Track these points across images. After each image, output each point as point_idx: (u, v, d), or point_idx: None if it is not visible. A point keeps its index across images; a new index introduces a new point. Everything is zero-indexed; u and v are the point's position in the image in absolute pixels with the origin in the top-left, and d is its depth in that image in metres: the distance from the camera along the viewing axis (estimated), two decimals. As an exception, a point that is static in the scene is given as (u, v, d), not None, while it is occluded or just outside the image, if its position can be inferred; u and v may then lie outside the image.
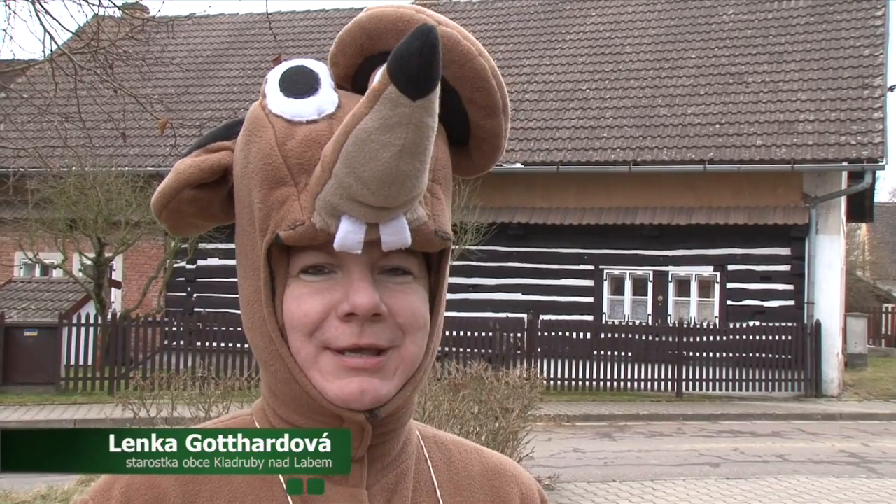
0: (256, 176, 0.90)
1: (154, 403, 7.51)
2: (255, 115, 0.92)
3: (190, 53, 24.24)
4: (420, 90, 0.80)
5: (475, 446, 1.12)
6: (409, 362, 0.93)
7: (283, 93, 0.91)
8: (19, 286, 19.62)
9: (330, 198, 0.85)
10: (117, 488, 0.93)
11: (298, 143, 0.89)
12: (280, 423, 0.96)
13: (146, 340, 16.65)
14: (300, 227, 0.87)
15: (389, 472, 0.99)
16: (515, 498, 1.07)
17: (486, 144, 0.97)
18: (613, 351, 17.26)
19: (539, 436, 11.45)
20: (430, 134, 0.83)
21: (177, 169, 0.95)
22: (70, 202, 16.40)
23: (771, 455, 11.46)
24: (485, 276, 18.78)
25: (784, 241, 17.56)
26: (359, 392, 0.90)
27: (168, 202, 0.95)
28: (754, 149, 17.64)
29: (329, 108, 0.91)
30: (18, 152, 6.45)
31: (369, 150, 0.82)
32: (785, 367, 17.07)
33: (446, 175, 0.95)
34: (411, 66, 0.80)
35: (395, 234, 0.88)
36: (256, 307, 0.93)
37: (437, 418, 6.07)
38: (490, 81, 0.92)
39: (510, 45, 22.01)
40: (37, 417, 13.26)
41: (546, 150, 18.71)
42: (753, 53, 20.07)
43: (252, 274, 0.93)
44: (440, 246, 0.94)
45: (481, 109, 0.93)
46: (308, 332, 0.90)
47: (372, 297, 0.89)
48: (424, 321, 0.94)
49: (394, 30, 0.90)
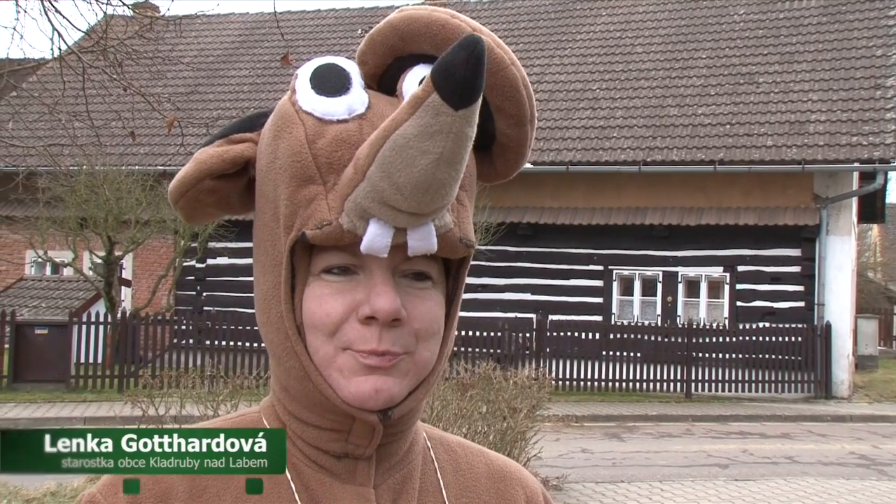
0: (284, 172, 0.89)
1: (163, 402, 7.53)
2: (285, 110, 0.92)
3: (200, 52, 24.30)
4: (463, 101, 0.80)
5: (480, 448, 1.12)
6: (421, 367, 0.93)
7: (315, 90, 0.90)
8: (30, 284, 19.71)
9: (361, 200, 0.85)
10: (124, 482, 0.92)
11: (329, 142, 0.88)
12: (290, 420, 0.96)
13: (156, 339, 16.70)
14: (327, 228, 0.87)
15: (396, 471, 0.99)
16: (521, 500, 1.07)
17: (510, 153, 0.96)
18: (622, 351, 17.23)
19: (547, 436, 11.44)
20: (468, 144, 0.83)
21: (197, 158, 0.95)
22: (80, 201, 16.47)
23: (780, 456, 11.42)
24: (494, 276, 18.76)
25: (794, 242, 17.49)
26: (373, 391, 0.90)
27: (186, 191, 0.94)
28: (765, 149, 17.59)
29: (359, 109, 0.90)
30: (28, 151, 6.47)
31: (407, 156, 0.82)
32: (795, 369, 17.01)
33: (471, 182, 0.95)
34: (457, 76, 0.79)
35: (422, 240, 0.88)
36: (274, 303, 0.92)
37: (446, 418, 6.07)
38: (521, 91, 0.92)
39: (520, 45, 21.98)
40: (47, 415, 13.31)
41: (556, 150, 18.69)
42: (764, 53, 20.01)
43: (272, 269, 0.93)
44: (463, 253, 0.94)
45: (509, 118, 0.93)
46: (329, 332, 0.90)
47: (394, 302, 0.89)
48: (439, 328, 0.94)
49: (427, 33, 0.90)
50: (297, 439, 0.96)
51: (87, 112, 4.87)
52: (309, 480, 0.95)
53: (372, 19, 22.84)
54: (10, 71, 5.67)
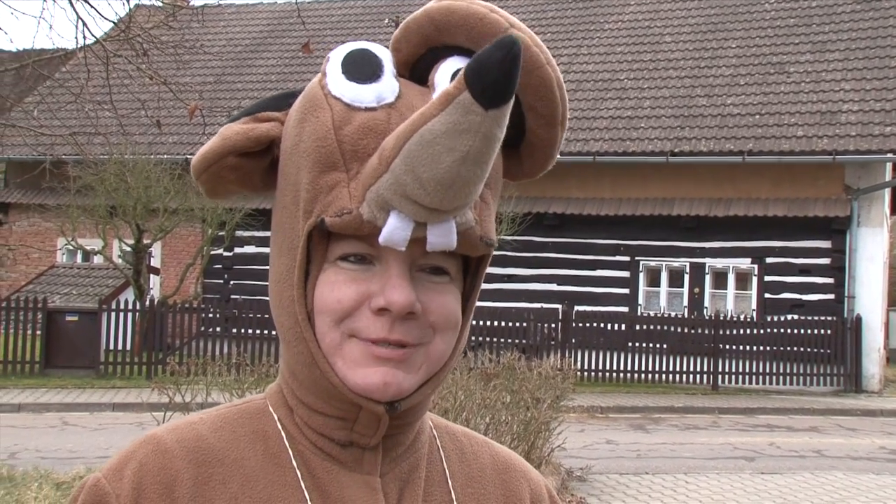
0: (308, 156, 0.89)
1: (189, 389, 7.58)
2: (314, 93, 0.91)
3: (229, 42, 24.41)
4: (494, 101, 0.79)
5: (485, 439, 1.11)
6: (434, 359, 0.92)
7: (345, 75, 0.89)
8: (61, 271, 19.98)
9: (383, 192, 0.84)
10: (130, 468, 0.92)
11: (355, 129, 0.87)
12: (297, 405, 0.96)
13: (183, 326, 16.85)
14: (347, 216, 0.86)
15: (403, 461, 0.98)
16: (525, 493, 1.06)
17: (539, 153, 0.95)
18: (648, 343, 17.15)
19: (572, 427, 11.42)
20: (496, 145, 0.82)
21: (223, 134, 0.94)
22: (110, 189, 16.62)
23: (808, 450, 11.33)
24: (520, 267, 18.74)
25: (824, 233, 17.31)
26: (382, 384, 0.89)
27: (209, 166, 0.94)
28: (795, 140, 17.40)
29: (389, 98, 0.89)
30: (55, 140, 6.52)
31: (433, 152, 0.81)
32: (824, 362, 16.85)
33: (496, 180, 0.94)
34: (490, 76, 0.78)
35: (442, 236, 0.87)
36: (287, 286, 0.92)
37: (469, 408, 6.07)
38: (554, 92, 0.90)
39: (548, 35, 21.87)
40: (77, 401, 13.48)
41: (583, 140, 18.61)
42: (796, 43, 19.78)
43: (288, 252, 0.92)
44: (483, 251, 0.93)
45: (540, 118, 0.92)
46: (337, 318, 0.89)
47: (408, 296, 0.88)
48: (456, 321, 0.94)
49: (464, 25, 0.88)
50: (304, 426, 0.96)
51: (111, 101, 4.90)
52: (315, 468, 0.95)
53: (399, 9, 22.81)
54: (35, 61, 5.71)
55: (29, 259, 21.71)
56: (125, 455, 0.94)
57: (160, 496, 0.91)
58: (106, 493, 0.92)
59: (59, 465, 8.45)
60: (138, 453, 0.94)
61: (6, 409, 12.75)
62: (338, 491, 0.94)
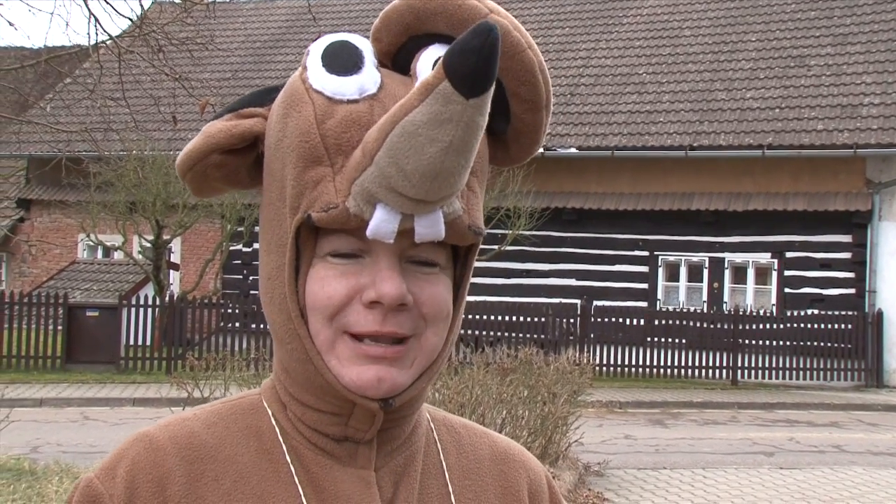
0: (292, 152, 0.88)
1: (207, 384, 7.62)
2: (295, 88, 0.90)
3: (247, 39, 24.49)
4: (475, 90, 0.78)
5: (485, 430, 1.10)
6: (427, 352, 0.92)
7: (326, 68, 0.88)
8: (82, 267, 20.14)
9: (368, 185, 0.84)
10: (122, 467, 0.92)
11: (338, 122, 0.87)
12: (290, 401, 0.95)
13: (202, 322, 16.94)
14: (333, 211, 0.86)
15: (399, 454, 0.98)
16: (523, 483, 1.05)
17: (524, 138, 0.94)
18: (667, 338, 17.09)
19: (590, 422, 11.40)
20: (478, 133, 0.82)
21: (206, 132, 0.93)
22: (129, 185, 16.72)
23: (828, 445, 11.26)
24: (538, 262, 18.71)
25: (845, 227, 17.18)
26: (375, 380, 0.89)
27: (194, 165, 0.93)
28: (815, 133, 17.26)
29: (371, 89, 0.88)
30: (71, 136, 6.57)
31: (415, 143, 0.80)
32: (845, 357, 16.73)
33: (483, 168, 0.93)
34: (469, 64, 0.77)
35: (429, 227, 0.87)
36: (278, 283, 0.92)
37: (485, 403, 6.08)
38: (537, 76, 0.90)
39: (566, 29, 21.81)
40: (98, 396, 13.59)
41: (601, 134, 18.54)
42: (816, 36, 19.61)
43: (277, 249, 0.92)
44: (472, 240, 0.92)
45: (524, 103, 0.91)
46: (329, 315, 0.89)
47: (399, 287, 0.87)
48: (448, 312, 0.93)
49: (443, 13, 0.88)
50: (298, 422, 0.95)
51: (125, 97, 4.93)
52: (309, 463, 0.94)
53: (417, 4, 22.78)
54: (51, 58, 5.74)
55: (50, 255, 21.90)
56: (117, 454, 0.94)
57: (153, 494, 0.91)
58: (99, 493, 0.92)
59: (80, 460, 8.52)
60: (130, 451, 0.93)
61: (28, 403, 12.87)
62: (332, 485, 0.93)
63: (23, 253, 22.22)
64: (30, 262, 22.42)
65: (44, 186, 21.79)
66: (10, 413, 7.50)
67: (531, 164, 17.50)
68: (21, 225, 22.51)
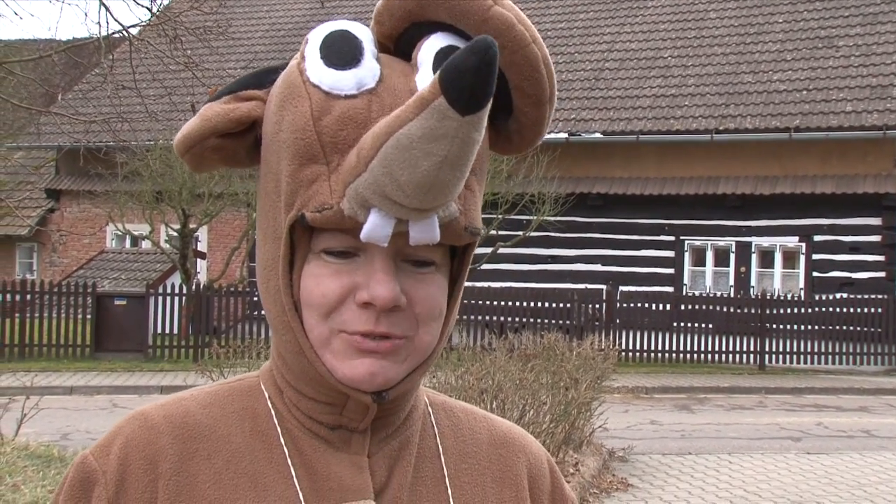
0: (287, 148, 0.87)
1: (231, 371, 7.69)
2: (292, 80, 0.89)
3: (272, 27, 24.54)
4: (470, 108, 0.78)
5: (485, 414, 1.10)
6: (421, 350, 0.92)
7: (324, 61, 0.87)
8: (110, 257, 20.35)
9: (362, 190, 0.83)
10: (117, 444, 0.94)
11: (335, 119, 0.86)
12: (286, 387, 0.96)
13: (229, 310, 17.06)
14: (328, 212, 0.85)
15: (393, 439, 0.98)
16: (522, 468, 1.05)
17: (527, 131, 0.93)
18: (694, 323, 16.99)
19: (616, 407, 11.38)
20: (474, 148, 0.81)
21: (203, 115, 0.93)
22: (156, 175, 16.84)
23: (856, 430, 11.15)
24: (564, 247, 18.65)
25: (875, 210, 16.97)
26: (368, 374, 0.89)
27: (191, 147, 0.93)
28: (843, 115, 17.05)
29: (369, 83, 0.87)
30: (89, 126, 6.63)
31: (410, 156, 0.80)
32: (874, 341, 16.56)
33: (482, 166, 0.93)
34: (465, 82, 0.77)
35: (424, 232, 0.86)
36: (273, 275, 0.92)
37: (507, 388, 6.08)
38: (541, 71, 0.89)
39: (590, 13, 21.65)
40: (126, 384, 13.75)
41: (626, 119, 18.42)
42: (845, 16, 19.34)
43: (272, 241, 0.92)
44: (468, 240, 0.91)
45: (528, 98, 0.90)
46: (324, 313, 0.89)
47: (392, 290, 0.87)
48: (441, 311, 0.93)
49: (444, 3, 0.87)
50: (293, 407, 0.96)
51: (136, 86, 4.95)
52: (303, 446, 0.95)
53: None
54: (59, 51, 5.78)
55: (80, 245, 22.13)
56: (113, 432, 0.96)
57: (144, 471, 0.92)
58: (93, 469, 0.93)
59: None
60: (125, 429, 0.95)
61: (59, 391, 13.04)
62: (325, 468, 0.94)
63: (53, 243, 22.48)
64: (60, 251, 22.69)
65: (73, 177, 22.01)
66: (40, 401, 7.59)
67: (556, 149, 17.44)
68: (51, 215, 22.77)
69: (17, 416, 6.84)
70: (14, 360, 15.41)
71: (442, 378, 6.37)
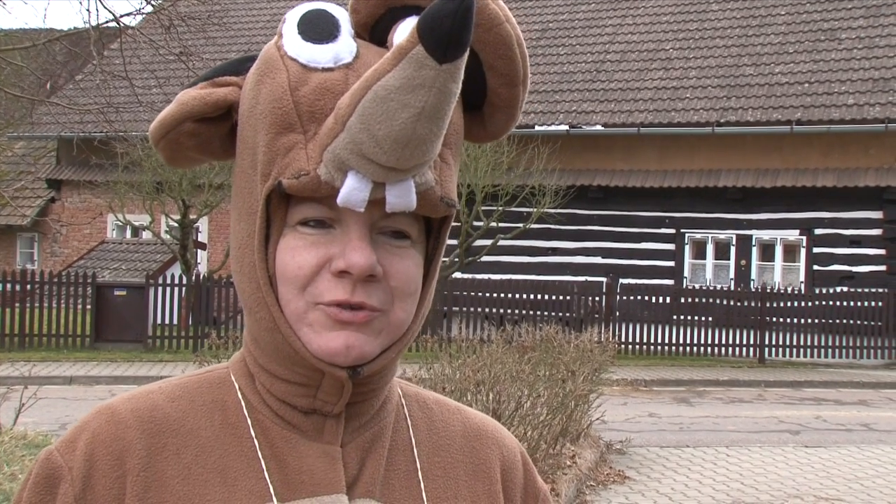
0: (265, 119, 0.87)
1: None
2: (270, 55, 0.89)
3: (273, 18, 24.48)
4: (448, 54, 0.78)
5: (459, 406, 1.09)
6: (395, 326, 0.91)
7: (301, 36, 0.88)
8: (111, 247, 20.36)
9: (339, 151, 0.83)
10: (83, 439, 0.92)
11: (312, 90, 0.86)
12: (259, 372, 0.95)
13: (229, 301, 17.06)
14: (304, 178, 0.85)
15: (366, 430, 0.97)
16: (495, 460, 1.04)
17: (500, 113, 0.93)
18: (694, 315, 16.99)
19: (615, 400, 11.39)
20: (451, 100, 0.81)
21: (179, 100, 0.93)
22: (156, 165, 16.83)
23: (855, 424, 11.16)
24: (564, 240, 18.64)
25: (876, 203, 16.95)
26: (344, 347, 0.88)
27: (167, 132, 0.92)
28: (845, 108, 17.01)
29: (346, 58, 0.87)
30: (84, 116, 6.62)
31: (387, 108, 0.80)
32: (874, 335, 16.55)
33: (457, 140, 0.93)
34: (443, 28, 0.77)
35: (400, 197, 0.86)
36: (247, 251, 0.91)
37: (503, 380, 6.07)
38: (514, 50, 0.89)
39: (592, 5, 21.60)
40: (126, 374, 13.76)
41: (627, 111, 18.39)
42: (848, 8, 19.28)
43: (248, 218, 0.91)
44: (444, 212, 0.91)
45: (501, 77, 0.90)
46: (300, 285, 0.88)
47: (369, 258, 0.87)
48: (416, 287, 0.92)
49: None
50: (266, 393, 0.94)
51: (127, 76, 4.94)
52: (274, 438, 0.94)
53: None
54: (58, 38, 5.77)
55: (80, 235, 22.14)
56: (79, 427, 0.94)
57: (111, 467, 0.90)
58: (58, 465, 0.91)
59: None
60: (91, 424, 0.93)
61: (58, 381, 13.05)
62: (296, 461, 0.93)
63: (54, 233, 22.49)
64: (60, 241, 22.70)
65: (73, 167, 22.00)
66: (38, 390, 7.59)
67: (556, 141, 17.43)
68: (52, 205, 22.78)
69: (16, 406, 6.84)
70: (14, 350, 15.43)
71: (438, 370, 6.37)
